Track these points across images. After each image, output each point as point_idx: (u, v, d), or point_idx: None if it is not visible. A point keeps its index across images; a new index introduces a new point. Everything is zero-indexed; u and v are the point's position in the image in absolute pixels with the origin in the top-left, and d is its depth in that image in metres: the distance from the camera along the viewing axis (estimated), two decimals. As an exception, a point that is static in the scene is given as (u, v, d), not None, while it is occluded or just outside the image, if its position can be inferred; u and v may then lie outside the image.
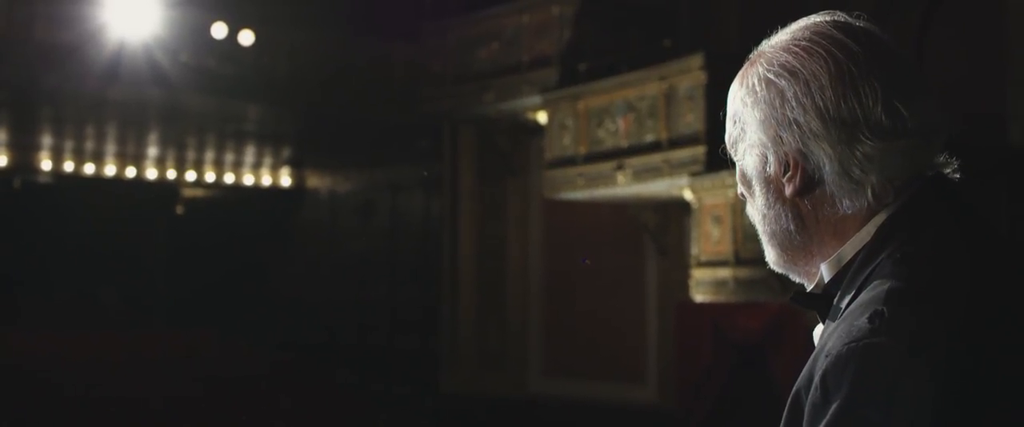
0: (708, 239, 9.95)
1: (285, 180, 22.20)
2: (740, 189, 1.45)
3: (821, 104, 1.31)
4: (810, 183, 1.34)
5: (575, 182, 11.52)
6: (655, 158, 10.52)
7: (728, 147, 1.45)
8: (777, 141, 1.35)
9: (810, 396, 1.21)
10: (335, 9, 15.18)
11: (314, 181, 22.09)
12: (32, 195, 20.19)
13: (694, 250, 10.35)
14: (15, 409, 12.08)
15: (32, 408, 12.27)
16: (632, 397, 12.35)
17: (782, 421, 1.27)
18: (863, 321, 1.20)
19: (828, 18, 1.39)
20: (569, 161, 11.54)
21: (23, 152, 19.40)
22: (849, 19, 1.38)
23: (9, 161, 19.45)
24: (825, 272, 1.36)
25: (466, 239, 14.47)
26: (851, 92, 1.31)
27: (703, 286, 10.15)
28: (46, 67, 14.14)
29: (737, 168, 1.44)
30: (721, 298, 9.93)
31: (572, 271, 13.31)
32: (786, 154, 1.34)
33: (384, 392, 14.55)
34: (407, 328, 17.35)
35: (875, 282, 1.26)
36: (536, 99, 12.20)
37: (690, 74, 10.16)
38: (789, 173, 1.35)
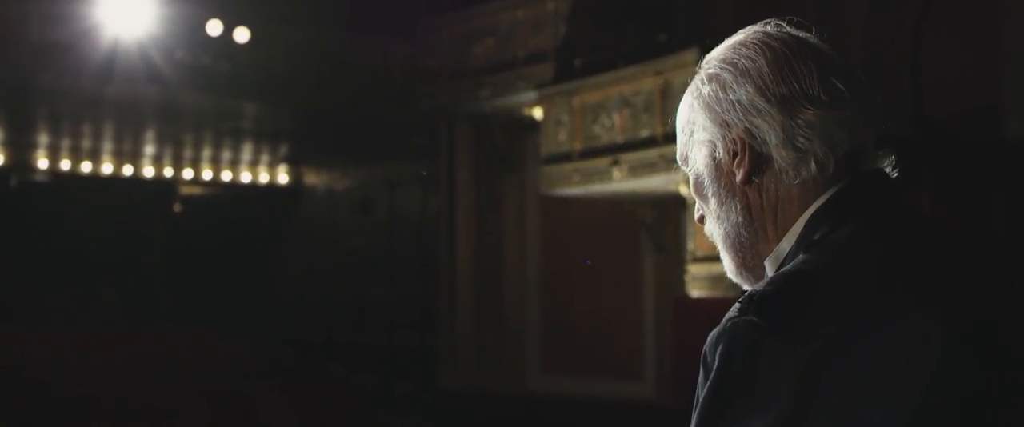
0: (704, 234, 9.89)
1: (282, 177, 22.19)
2: (698, 206, 1.50)
3: (761, 83, 1.38)
4: (759, 160, 1.39)
5: (571, 178, 11.48)
6: (650, 153, 10.49)
7: (680, 163, 1.52)
8: (724, 126, 1.41)
9: (699, 375, 1.26)
10: (330, 6, 15.15)
11: (311, 178, 22.08)
12: (29, 194, 20.19)
13: (690, 245, 10.32)
14: (12, 409, 12.06)
15: (29, 408, 12.25)
16: (630, 393, 12.32)
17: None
18: (738, 302, 1.25)
19: (760, 26, 1.47)
20: (565, 157, 11.51)
21: (19, 150, 19.39)
22: (781, 23, 1.46)
23: (5, 160, 19.44)
24: (768, 269, 1.41)
25: (464, 236, 14.44)
26: (788, 71, 1.39)
27: (699, 281, 10.12)
28: (41, 65, 14.14)
29: (691, 180, 1.49)
30: (717, 293, 9.89)
31: (570, 267, 13.29)
32: (734, 138, 1.40)
33: (382, 389, 14.52)
34: (405, 325, 17.32)
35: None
36: (532, 95, 12.17)
37: (685, 69, 10.09)
38: (739, 157, 1.40)
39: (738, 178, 1.40)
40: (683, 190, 10.50)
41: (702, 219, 1.50)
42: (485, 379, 13.87)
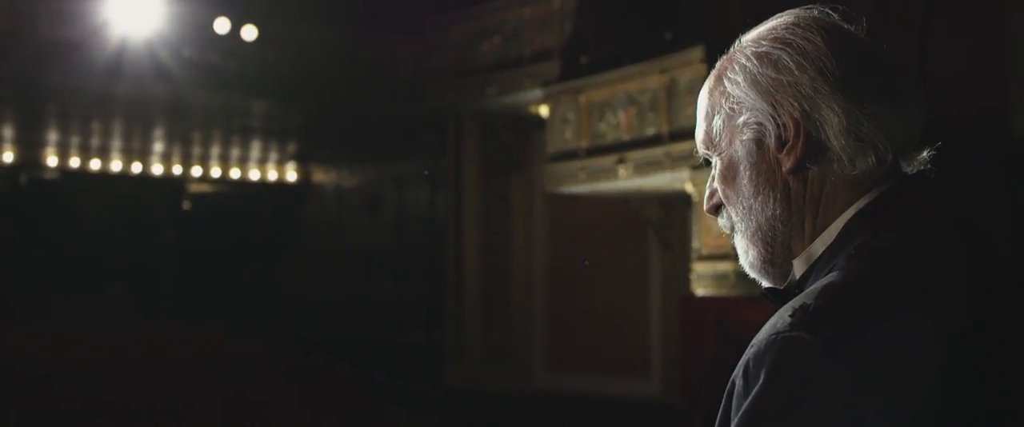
0: (709, 232, 9.90)
1: (291, 175, 22.22)
2: (713, 188, 1.40)
3: (822, 65, 1.30)
4: (814, 147, 1.30)
5: (577, 176, 11.48)
6: (656, 151, 10.48)
7: (702, 148, 1.42)
8: (777, 107, 1.31)
9: (736, 384, 1.20)
10: (338, 4, 15.18)
11: (320, 176, 22.11)
12: (38, 191, 20.25)
13: (695, 244, 10.31)
14: (21, 407, 12.11)
15: (37, 406, 12.30)
16: (636, 391, 12.32)
17: (720, 408, 1.25)
18: (788, 314, 1.18)
19: (804, 10, 1.38)
20: (571, 155, 11.51)
21: (29, 148, 19.44)
22: (827, 10, 1.38)
23: (15, 157, 19.50)
24: (797, 269, 1.34)
25: (471, 233, 14.45)
26: (850, 57, 1.31)
27: (704, 280, 10.11)
28: (50, 63, 14.19)
29: (716, 166, 1.39)
30: (722, 292, 9.89)
31: (576, 265, 13.29)
32: (785, 123, 1.31)
33: (389, 386, 14.56)
34: (412, 322, 17.35)
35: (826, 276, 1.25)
36: (538, 93, 12.18)
37: (691, 66, 10.11)
38: (789, 143, 1.31)
39: (786, 166, 1.31)
40: (689, 188, 10.49)
41: (717, 209, 1.41)
42: (492, 377, 13.89)
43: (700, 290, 10.23)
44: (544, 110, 12.24)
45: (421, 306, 17.07)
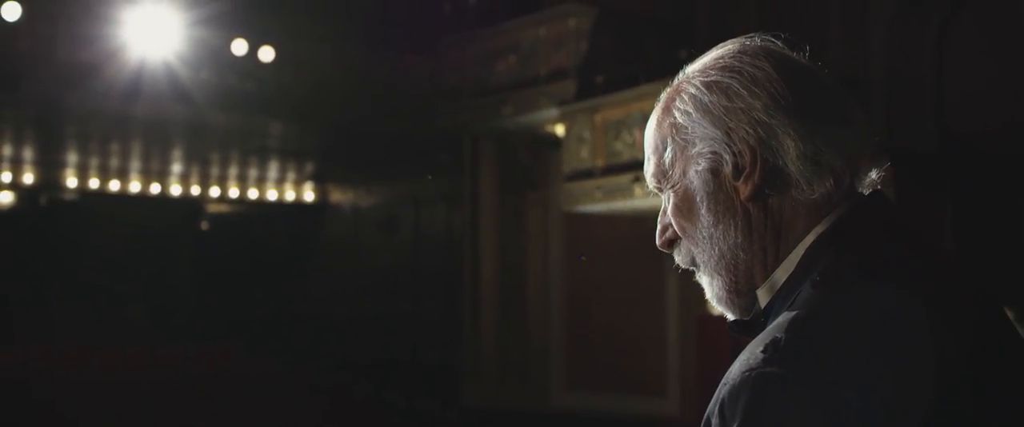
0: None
1: (308, 195, 22.30)
2: (666, 222, 1.39)
3: (773, 90, 1.30)
4: (772, 173, 1.29)
5: (593, 195, 11.49)
6: (672, 170, 10.47)
7: (653, 182, 1.40)
8: (731, 134, 1.30)
9: (712, 423, 1.19)
10: (354, 24, 15.25)
11: (337, 196, 22.17)
12: (58, 212, 20.38)
13: (712, 262, 10.29)
14: (39, 423, 12.15)
15: (56, 422, 12.34)
16: (653, 410, 12.27)
17: None
18: (759, 349, 1.16)
19: (745, 38, 1.38)
20: (587, 174, 11.52)
21: (49, 170, 19.59)
22: (769, 37, 1.37)
23: (35, 179, 19.65)
24: (761, 298, 1.33)
25: (487, 252, 14.46)
26: (800, 82, 1.31)
27: (721, 299, 10.08)
28: (69, 86, 14.29)
29: (669, 200, 1.38)
30: (739, 311, 9.86)
31: (593, 284, 13.27)
32: (740, 150, 1.30)
33: (406, 405, 14.55)
34: (429, 341, 17.35)
35: (792, 308, 1.23)
36: (554, 112, 12.19)
37: (706, 85, 10.09)
38: (746, 171, 1.30)
39: (744, 194, 1.30)
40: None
41: (670, 244, 1.41)
42: (509, 395, 13.86)
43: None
44: (560, 129, 12.26)
45: (438, 325, 17.07)
